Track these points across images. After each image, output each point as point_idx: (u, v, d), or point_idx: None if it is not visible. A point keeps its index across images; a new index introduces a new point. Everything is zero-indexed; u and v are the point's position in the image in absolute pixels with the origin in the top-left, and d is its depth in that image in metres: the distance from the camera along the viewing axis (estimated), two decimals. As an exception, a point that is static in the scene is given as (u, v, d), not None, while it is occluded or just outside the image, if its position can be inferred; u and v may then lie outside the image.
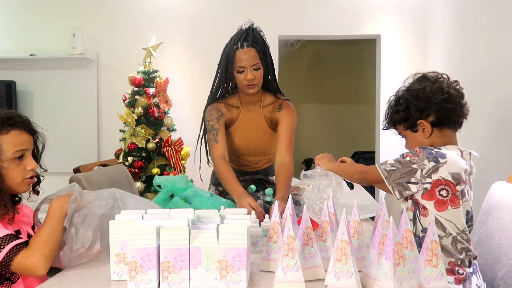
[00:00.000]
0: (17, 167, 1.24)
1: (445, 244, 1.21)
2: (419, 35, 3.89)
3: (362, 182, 1.39)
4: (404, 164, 1.22)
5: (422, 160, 1.21)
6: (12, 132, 1.23)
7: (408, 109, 1.30)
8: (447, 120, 1.28)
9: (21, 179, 1.25)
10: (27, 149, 1.26)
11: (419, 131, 1.31)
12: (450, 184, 1.20)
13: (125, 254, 1.07)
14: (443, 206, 1.20)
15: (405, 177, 1.22)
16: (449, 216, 1.21)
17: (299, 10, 3.93)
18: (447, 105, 1.27)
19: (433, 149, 1.24)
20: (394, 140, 1.61)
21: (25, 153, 1.25)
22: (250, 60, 1.77)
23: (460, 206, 1.21)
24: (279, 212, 1.19)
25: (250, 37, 1.77)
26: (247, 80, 1.79)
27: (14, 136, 1.23)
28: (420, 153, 1.22)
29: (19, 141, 1.24)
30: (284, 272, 1.01)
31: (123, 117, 3.37)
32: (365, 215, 1.73)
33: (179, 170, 3.36)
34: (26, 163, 1.25)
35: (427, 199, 1.22)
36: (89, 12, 3.95)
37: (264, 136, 1.96)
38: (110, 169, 2.09)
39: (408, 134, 1.35)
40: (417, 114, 1.29)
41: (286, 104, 1.95)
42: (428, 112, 1.28)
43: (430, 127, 1.29)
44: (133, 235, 1.02)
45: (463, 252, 1.21)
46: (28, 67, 3.93)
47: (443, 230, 1.21)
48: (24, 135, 1.25)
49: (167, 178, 1.77)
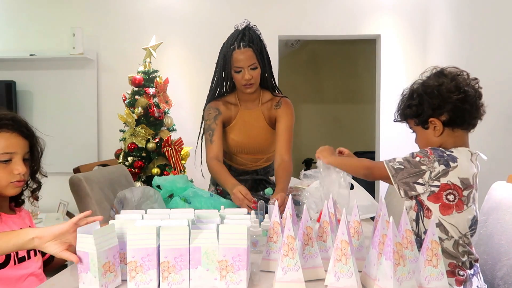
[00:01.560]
0: (3, 170, 1.20)
1: (446, 247, 1.20)
2: (419, 35, 3.89)
3: (368, 178, 1.34)
4: (413, 164, 1.20)
5: (432, 162, 1.17)
6: (1, 134, 1.20)
7: (421, 105, 1.25)
8: (460, 120, 1.23)
9: (7, 183, 1.22)
10: (16, 152, 1.22)
11: (430, 129, 1.26)
12: (458, 189, 1.17)
13: (125, 254, 1.07)
14: (448, 210, 1.18)
15: (412, 177, 1.19)
16: (452, 220, 1.19)
17: (299, 10, 3.93)
18: (462, 105, 1.21)
19: (445, 151, 1.20)
20: (394, 140, 1.61)
21: (13, 157, 1.22)
22: (247, 60, 1.79)
23: (464, 210, 1.19)
24: (279, 203, 1.19)
25: (246, 37, 1.79)
26: (244, 80, 1.82)
27: (2, 138, 1.20)
28: (431, 154, 1.19)
29: (6, 143, 1.20)
30: (284, 272, 1.01)
31: (123, 117, 3.37)
32: (365, 215, 1.73)
33: (179, 170, 3.36)
34: (14, 167, 1.22)
35: (433, 201, 1.19)
36: (89, 12, 3.95)
37: (263, 134, 1.96)
38: (110, 169, 2.08)
39: (418, 130, 1.30)
40: (430, 111, 1.24)
41: (285, 101, 1.97)
42: (441, 111, 1.23)
43: (442, 126, 1.24)
44: (133, 235, 1.02)
45: (465, 255, 1.20)
46: (28, 67, 3.93)
47: (445, 233, 1.19)
48: (14, 138, 1.22)
49: (166, 178, 1.77)
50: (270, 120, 1.97)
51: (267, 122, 1.96)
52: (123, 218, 1.15)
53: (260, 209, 1.53)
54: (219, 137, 1.91)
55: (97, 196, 1.78)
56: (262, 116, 1.95)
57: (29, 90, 3.94)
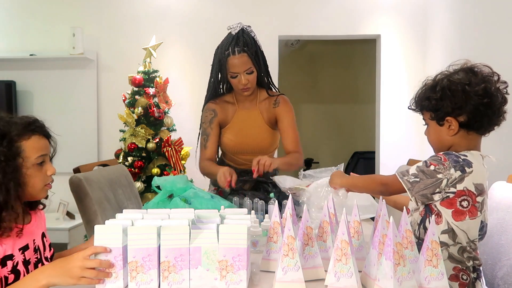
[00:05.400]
0: (39, 173, 1.20)
1: (452, 252, 1.18)
2: (419, 35, 3.89)
3: (384, 194, 1.28)
4: (428, 174, 1.15)
5: (448, 169, 1.13)
6: (33, 137, 1.20)
7: (442, 100, 1.18)
8: (478, 125, 1.18)
9: (42, 186, 1.21)
10: (47, 154, 1.24)
11: (444, 126, 1.20)
12: (472, 195, 1.14)
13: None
14: (460, 216, 1.15)
15: (429, 188, 1.15)
16: (464, 226, 1.16)
17: (299, 10, 3.92)
18: (484, 110, 1.15)
19: (459, 156, 1.15)
20: (394, 140, 1.61)
21: (45, 158, 1.22)
22: (242, 66, 1.80)
23: (477, 217, 1.16)
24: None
25: (241, 42, 1.79)
26: (241, 85, 1.84)
27: (36, 141, 1.20)
28: (445, 161, 1.14)
29: (41, 146, 1.21)
30: (284, 272, 1.01)
31: (123, 117, 3.37)
32: (365, 216, 1.73)
33: (179, 170, 3.36)
34: (47, 168, 1.22)
35: (446, 207, 1.16)
36: (89, 12, 3.95)
37: (261, 134, 1.97)
38: (110, 169, 2.08)
39: (432, 125, 1.24)
40: (449, 109, 1.17)
41: (283, 99, 1.98)
42: (461, 112, 1.16)
43: (458, 127, 1.18)
44: (134, 235, 1.02)
45: (470, 260, 1.18)
46: (28, 67, 3.93)
47: (453, 239, 1.17)
48: (43, 140, 1.23)
49: (166, 179, 1.76)
50: (269, 119, 1.97)
51: (266, 121, 1.97)
52: (123, 218, 1.15)
53: (261, 210, 1.53)
54: (213, 142, 1.96)
55: (97, 196, 1.78)
56: (260, 115, 1.96)
57: (29, 90, 3.94)
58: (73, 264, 1.02)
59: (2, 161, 1.12)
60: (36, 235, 1.26)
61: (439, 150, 1.25)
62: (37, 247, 1.25)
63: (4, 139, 1.14)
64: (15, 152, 1.15)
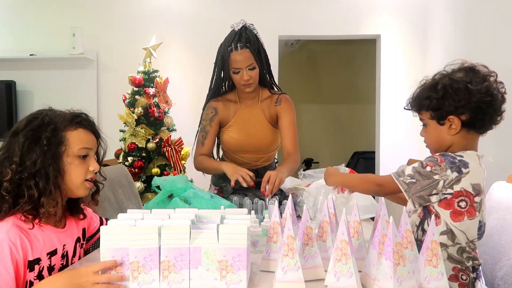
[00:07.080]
0: (80, 165, 1.19)
1: (451, 253, 1.17)
2: (419, 35, 3.89)
3: (379, 194, 1.28)
4: (424, 175, 1.14)
5: (445, 170, 1.12)
6: (79, 129, 1.22)
7: (443, 99, 1.16)
8: (480, 123, 1.17)
9: (82, 180, 1.20)
10: (92, 149, 1.23)
11: (445, 126, 1.19)
12: (470, 196, 1.14)
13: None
14: (459, 217, 1.15)
15: (426, 190, 1.14)
16: (463, 227, 1.15)
17: (299, 10, 3.93)
18: (486, 109, 1.14)
19: (455, 157, 1.15)
20: (394, 140, 1.61)
21: (89, 153, 1.22)
22: (245, 61, 1.81)
23: (476, 217, 1.15)
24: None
25: (243, 38, 1.81)
26: (243, 81, 1.85)
27: (81, 134, 1.22)
28: (441, 162, 1.13)
29: (86, 139, 1.22)
30: (284, 272, 1.01)
31: (123, 117, 3.37)
32: (365, 215, 1.73)
33: (179, 170, 3.36)
34: (90, 163, 1.22)
35: (444, 208, 1.15)
36: (89, 12, 3.95)
37: (262, 132, 1.97)
38: (110, 169, 2.09)
39: (431, 125, 1.22)
40: (451, 108, 1.16)
41: (284, 97, 1.99)
42: (464, 110, 1.15)
43: (460, 126, 1.17)
44: (135, 235, 1.02)
45: (469, 261, 1.18)
46: (28, 67, 3.93)
47: (452, 240, 1.16)
48: (90, 136, 1.24)
49: (166, 179, 1.76)
50: (271, 118, 1.98)
51: (268, 119, 1.98)
52: (123, 218, 1.15)
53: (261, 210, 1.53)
54: (210, 140, 1.97)
55: (97, 196, 1.77)
56: (262, 114, 1.97)
57: (29, 90, 3.94)
58: (85, 278, 1.01)
59: (44, 145, 1.15)
60: (68, 241, 1.24)
61: (436, 150, 1.24)
62: (66, 253, 1.23)
63: (49, 127, 1.19)
64: (59, 140, 1.17)
